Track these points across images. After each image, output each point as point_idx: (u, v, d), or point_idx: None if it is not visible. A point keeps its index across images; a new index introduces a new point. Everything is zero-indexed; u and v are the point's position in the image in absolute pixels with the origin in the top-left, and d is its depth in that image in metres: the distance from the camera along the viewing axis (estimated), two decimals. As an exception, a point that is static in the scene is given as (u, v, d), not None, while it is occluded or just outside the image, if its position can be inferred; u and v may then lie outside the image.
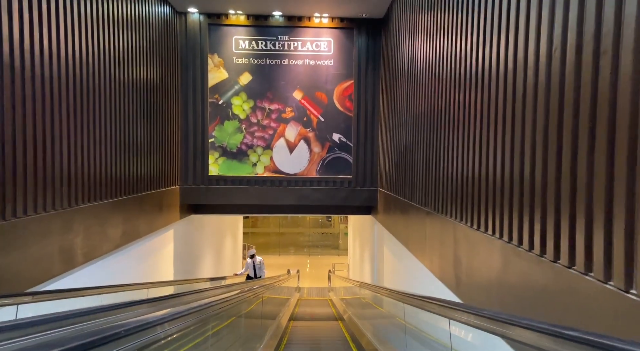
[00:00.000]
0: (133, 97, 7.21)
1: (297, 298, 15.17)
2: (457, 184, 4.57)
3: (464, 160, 4.38)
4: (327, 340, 7.53)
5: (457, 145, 4.60)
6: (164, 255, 9.15)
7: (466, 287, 4.23)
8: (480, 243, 3.86)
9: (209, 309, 3.36)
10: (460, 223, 4.43)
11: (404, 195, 7.22)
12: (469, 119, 4.25)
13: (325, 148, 9.90)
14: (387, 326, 6.36)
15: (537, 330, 1.48)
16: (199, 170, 9.75)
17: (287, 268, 17.68)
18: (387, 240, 9.64)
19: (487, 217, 3.77)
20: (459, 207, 4.49)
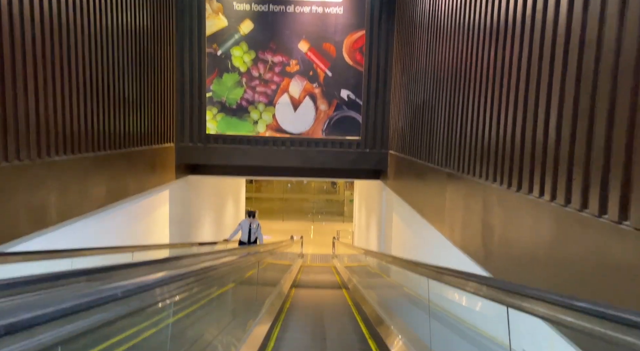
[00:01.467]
0: (120, 44, 6.42)
1: (300, 265, 14.76)
2: (492, 141, 3.84)
3: (502, 116, 3.64)
4: (330, 309, 7.00)
5: (492, 100, 3.85)
6: (158, 217, 8.57)
7: (498, 260, 3.57)
8: (522, 208, 3.17)
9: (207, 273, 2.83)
10: (493, 184, 3.73)
11: (420, 156, 6.50)
12: (509, 72, 3.48)
13: (333, 106, 9.13)
14: (396, 298, 5.80)
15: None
16: (195, 127, 9.03)
17: (291, 234, 17.24)
18: (396, 207, 8.99)
19: (533, 176, 3.06)
20: (492, 166, 3.78)
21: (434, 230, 5.89)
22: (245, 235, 9.81)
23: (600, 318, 1.24)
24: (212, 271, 3.00)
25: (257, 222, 9.96)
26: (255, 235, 9.86)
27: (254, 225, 9.89)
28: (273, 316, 5.59)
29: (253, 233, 9.83)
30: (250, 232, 9.80)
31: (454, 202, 4.75)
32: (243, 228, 9.83)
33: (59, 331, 1.13)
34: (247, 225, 9.80)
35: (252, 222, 9.85)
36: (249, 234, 9.80)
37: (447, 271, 2.52)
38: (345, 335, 5.29)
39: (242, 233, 9.81)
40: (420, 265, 3.24)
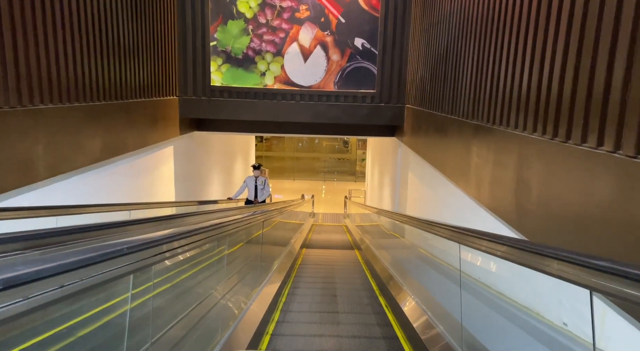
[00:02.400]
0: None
1: (312, 224, 14.52)
2: (532, 87, 3.29)
3: (547, 59, 3.07)
4: (342, 272, 6.67)
5: (533, 42, 3.26)
6: (162, 173, 8.19)
7: (536, 221, 3.10)
8: (570, 161, 2.67)
9: (216, 230, 2.61)
10: (532, 134, 3.20)
11: (442, 109, 5.94)
12: (559, 5, 2.88)
13: (346, 56, 8.48)
14: (414, 261, 5.42)
15: None
16: (199, 79, 8.49)
17: (302, 193, 16.93)
18: (413, 165, 8.49)
19: (587, 123, 2.54)
20: (532, 114, 3.24)
21: (456, 189, 5.42)
22: (252, 193, 9.21)
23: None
24: (213, 230, 2.60)
25: (263, 178, 9.27)
26: (261, 193, 9.23)
27: (259, 181, 9.17)
28: (282, 278, 5.27)
29: (260, 190, 9.18)
30: (256, 189, 9.15)
31: (482, 157, 4.25)
32: (248, 185, 9.20)
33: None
34: (253, 181, 9.11)
35: (258, 178, 9.14)
36: (255, 192, 9.18)
37: (491, 238, 2.06)
38: (359, 299, 4.95)
39: (248, 191, 9.24)
40: (449, 228, 2.78)
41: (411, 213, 8.44)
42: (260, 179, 9.17)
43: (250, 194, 9.18)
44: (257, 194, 9.13)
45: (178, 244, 2.06)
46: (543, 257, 1.56)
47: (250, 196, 9.19)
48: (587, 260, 1.38)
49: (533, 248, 1.67)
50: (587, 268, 1.37)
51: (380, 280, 5.48)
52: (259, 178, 9.16)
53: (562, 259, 1.49)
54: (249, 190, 9.20)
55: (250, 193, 9.18)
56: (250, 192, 9.16)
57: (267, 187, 9.33)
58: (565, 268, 1.48)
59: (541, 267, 1.66)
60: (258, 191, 9.17)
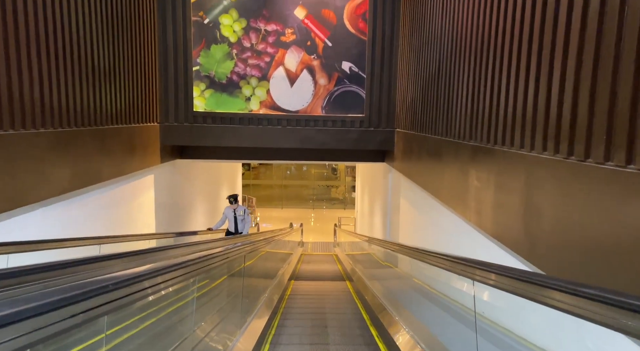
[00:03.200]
0: (91, 7, 5.54)
1: (300, 253, 14.02)
2: (539, 105, 2.99)
3: (555, 75, 2.79)
4: (333, 305, 6.22)
5: (538, 60, 3.00)
6: (141, 204, 7.75)
7: (551, 252, 2.75)
8: (590, 182, 2.34)
9: (190, 267, 2.24)
10: (542, 154, 2.88)
11: (435, 131, 5.65)
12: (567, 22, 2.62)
13: (333, 80, 8.24)
14: (408, 291, 5.02)
15: None
16: (181, 104, 8.16)
17: (290, 222, 16.48)
18: (405, 190, 8.16)
19: (610, 139, 2.22)
20: (540, 132, 2.93)
21: (452, 215, 5.07)
22: (232, 225, 8.86)
23: None
24: (187, 267, 2.20)
25: (243, 208, 8.92)
26: (242, 224, 8.87)
27: (239, 212, 8.83)
28: (269, 312, 4.82)
29: (240, 221, 8.82)
30: (236, 221, 8.80)
31: (483, 180, 3.92)
32: (228, 217, 8.88)
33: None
34: (231, 213, 8.77)
35: (237, 208, 8.80)
36: (235, 223, 8.82)
37: (522, 276, 1.68)
38: (353, 338, 4.51)
39: (228, 223, 8.90)
40: (460, 261, 2.41)
41: (404, 241, 8.06)
42: (239, 209, 8.82)
43: (231, 225, 8.84)
44: (237, 226, 8.79)
45: (148, 284, 1.67)
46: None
47: (231, 227, 8.85)
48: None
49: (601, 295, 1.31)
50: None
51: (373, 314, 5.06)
52: (239, 208, 8.82)
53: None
54: (229, 222, 8.86)
55: (230, 224, 8.85)
56: (230, 224, 8.83)
57: (247, 217, 8.98)
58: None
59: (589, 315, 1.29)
60: (238, 222, 8.85)
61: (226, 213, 8.84)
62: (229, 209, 8.78)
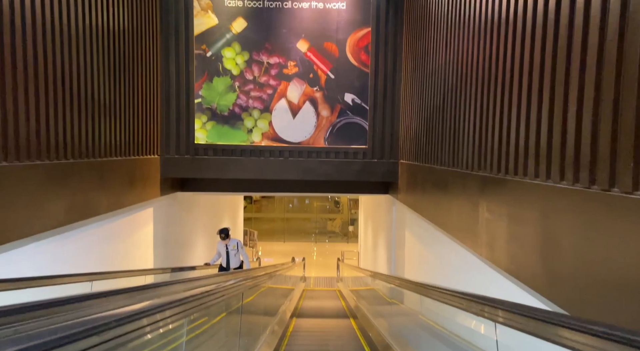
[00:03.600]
0: (93, 41, 5.54)
1: (303, 289, 13.66)
2: (553, 131, 2.86)
3: (567, 98, 2.67)
4: (337, 346, 5.92)
5: (551, 90, 2.89)
6: (139, 238, 7.54)
7: (576, 290, 2.54)
8: (618, 213, 2.17)
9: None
10: (560, 184, 2.72)
11: (441, 162, 5.52)
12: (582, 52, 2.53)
13: (336, 111, 8.19)
14: (418, 332, 4.75)
15: None
16: (183, 136, 8.08)
17: (292, 256, 16.17)
18: (410, 223, 7.96)
19: (639, 164, 2.07)
20: (557, 161, 2.78)
21: (461, 248, 4.87)
22: (224, 260, 8.42)
23: None
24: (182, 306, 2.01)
25: (236, 241, 8.50)
26: (236, 259, 8.48)
27: (231, 246, 8.38)
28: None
29: (232, 256, 8.43)
30: (228, 256, 8.40)
31: (494, 212, 3.74)
32: (220, 252, 8.46)
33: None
34: (223, 248, 8.36)
35: (229, 243, 8.29)
36: (227, 258, 8.42)
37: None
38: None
39: (222, 258, 8.55)
40: (479, 300, 2.21)
41: (410, 276, 7.79)
42: (231, 243, 8.37)
43: (223, 261, 8.50)
44: (229, 261, 8.40)
45: (131, 327, 1.48)
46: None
47: (223, 263, 8.52)
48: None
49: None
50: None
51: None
52: (231, 242, 8.37)
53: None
54: (222, 258, 8.53)
55: (222, 259, 8.51)
56: (223, 259, 8.47)
57: (242, 251, 8.52)
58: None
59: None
60: (230, 257, 8.39)
61: (219, 249, 8.53)
62: (221, 244, 8.44)
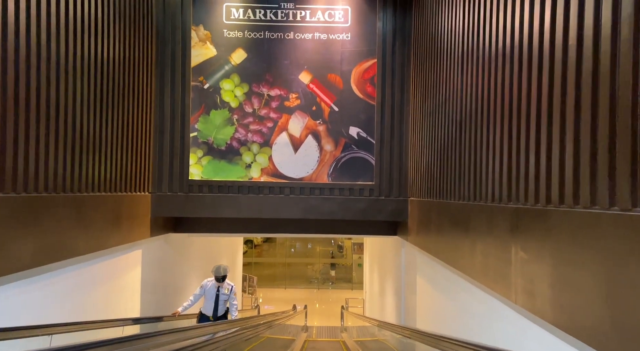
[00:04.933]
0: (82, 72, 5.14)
1: (304, 339, 12.70)
2: (621, 141, 2.30)
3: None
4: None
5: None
6: (124, 283, 6.86)
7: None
8: None
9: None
10: (633, 211, 2.12)
11: (459, 196, 4.93)
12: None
13: (340, 145, 7.69)
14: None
15: None
16: (176, 173, 7.55)
17: (293, 304, 15.26)
18: (422, 267, 7.26)
19: None
20: (626, 180, 2.20)
21: (487, 296, 4.19)
22: (210, 304, 6.90)
23: None
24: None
25: (230, 285, 7.10)
26: (226, 306, 7.05)
27: (224, 290, 6.94)
28: None
29: (222, 302, 6.94)
30: (217, 301, 6.87)
31: (532, 252, 3.11)
32: (206, 294, 6.96)
33: None
34: (213, 289, 6.92)
35: (222, 286, 6.95)
36: (215, 304, 6.87)
37: None
38: None
39: (205, 303, 6.99)
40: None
41: (423, 326, 7.01)
42: (225, 286, 7.00)
43: (208, 306, 6.94)
44: (217, 308, 6.87)
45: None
46: None
47: (207, 309, 6.94)
48: None
49: None
50: None
51: None
52: (224, 285, 7.01)
53: None
54: (206, 301, 6.99)
55: (206, 304, 6.97)
56: (208, 303, 6.94)
57: (234, 297, 7.08)
58: None
59: None
60: (219, 303, 6.88)
61: (205, 288, 6.97)
62: (211, 286, 6.96)
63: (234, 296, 7.09)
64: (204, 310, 6.95)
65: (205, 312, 6.94)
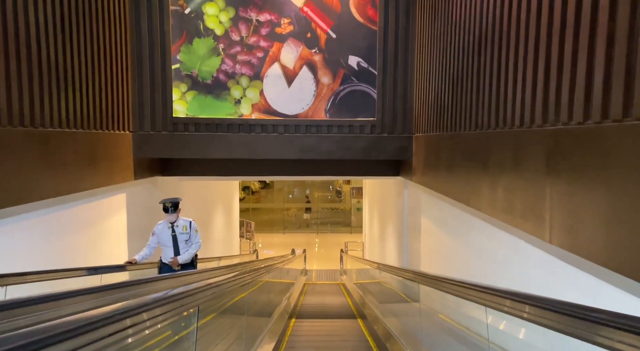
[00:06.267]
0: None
1: (303, 283, 12.56)
2: None
3: None
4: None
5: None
6: (107, 229, 6.38)
7: None
8: None
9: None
10: None
11: (475, 125, 4.31)
12: None
13: (338, 77, 6.96)
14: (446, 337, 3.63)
15: None
16: (159, 109, 6.86)
17: (292, 248, 15.06)
18: (427, 208, 6.77)
19: None
20: None
21: (510, 236, 3.69)
22: (169, 252, 5.48)
23: None
24: None
25: (188, 221, 5.54)
26: (185, 253, 5.48)
27: (180, 229, 5.44)
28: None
29: (183, 244, 5.47)
30: (176, 244, 5.43)
31: (580, 182, 2.53)
32: (160, 239, 5.49)
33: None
34: (168, 233, 5.43)
35: (176, 224, 5.44)
36: (175, 248, 5.45)
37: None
38: None
39: (164, 250, 5.57)
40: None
41: (428, 268, 6.63)
42: (181, 223, 5.47)
43: (168, 253, 5.51)
44: (178, 253, 5.47)
45: None
46: None
47: (166, 257, 5.53)
48: None
49: None
50: None
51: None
52: (179, 222, 5.48)
53: None
54: (164, 249, 5.56)
55: (166, 252, 5.53)
56: (167, 250, 5.51)
57: (195, 236, 5.56)
58: None
59: None
60: (180, 246, 5.46)
61: (157, 234, 5.49)
62: (162, 226, 5.49)
63: (196, 233, 5.57)
64: (164, 258, 5.58)
65: (166, 261, 5.55)
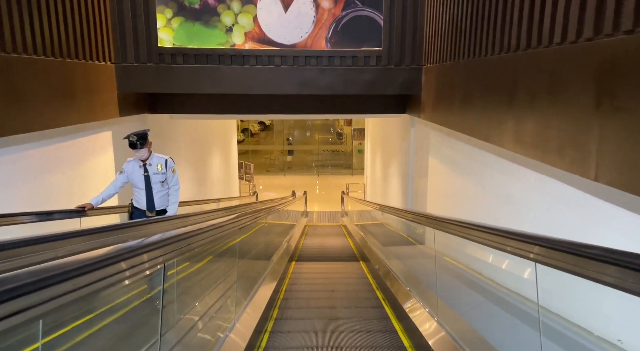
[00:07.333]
0: None
1: (304, 225, 12.35)
2: None
3: None
4: (348, 309, 4.48)
5: None
6: (92, 168, 5.95)
7: None
8: None
9: None
10: None
11: (500, 48, 3.71)
12: None
13: (341, 2, 6.22)
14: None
15: None
16: (142, 38, 6.19)
17: (292, 190, 14.75)
18: (437, 146, 6.29)
19: None
20: None
21: (539, 175, 3.22)
22: (141, 195, 4.49)
23: None
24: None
25: (164, 158, 4.54)
26: (164, 192, 4.56)
27: (154, 169, 4.45)
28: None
29: (157, 186, 4.49)
30: (149, 185, 4.45)
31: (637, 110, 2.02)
32: (132, 180, 4.50)
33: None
34: (139, 172, 4.45)
35: (150, 159, 4.46)
36: (147, 191, 4.45)
37: None
38: None
39: (136, 192, 4.57)
40: None
41: (436, 211, 6.25)
42: (155, 161, 4.49)
43: (139, 197, 4.53)
44: (151, 195, 4.48)
45: None
46: None
47: (140, 201, 4.55)
48: None
49: None
50: None
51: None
52: (152, 160, 4.49)
53: None
54: (135, 191, 4.59)
55: (138, 195, 4.56)
56: (139, 193, 4.53)
57: (172, 177, 4.58)
58: None
59: None
60: (154, 190, 4.47)
61: (127, 173, 4.50)
62: (132, 164, 4.48)
63: (173, 174, 4.59)
64: (136, 202, 4.59)
65: (138, 205, 4.57)
